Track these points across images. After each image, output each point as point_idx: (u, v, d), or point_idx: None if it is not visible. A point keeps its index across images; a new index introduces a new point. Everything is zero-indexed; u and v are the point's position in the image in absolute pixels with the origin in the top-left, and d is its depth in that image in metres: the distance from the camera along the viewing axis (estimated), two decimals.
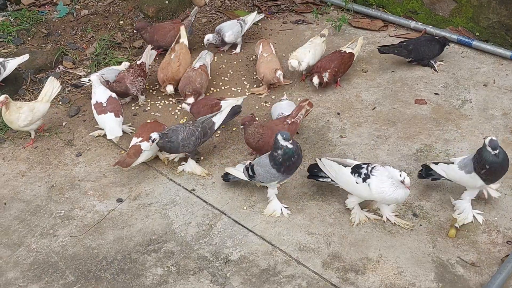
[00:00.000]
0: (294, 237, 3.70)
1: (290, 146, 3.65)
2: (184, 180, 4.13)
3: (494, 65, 5.16)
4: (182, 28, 5.05)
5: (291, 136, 3.74)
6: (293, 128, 4.14)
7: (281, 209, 3.85)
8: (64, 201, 4.02)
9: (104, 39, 5.47)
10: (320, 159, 3.88)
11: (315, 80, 4.82)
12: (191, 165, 4.17)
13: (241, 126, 4.08)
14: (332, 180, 3.80)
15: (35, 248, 3.69)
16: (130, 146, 4.15)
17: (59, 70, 5.20)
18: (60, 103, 4.89)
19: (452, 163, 3.73)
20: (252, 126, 4.04)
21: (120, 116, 4.36)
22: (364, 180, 3.58)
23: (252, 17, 5.49)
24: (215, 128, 4.20)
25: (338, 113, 4.71)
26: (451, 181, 3.79)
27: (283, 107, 4.49)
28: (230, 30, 5.34)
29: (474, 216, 3.73)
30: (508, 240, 3.62)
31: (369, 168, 3.59)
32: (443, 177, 3.78)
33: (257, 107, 4.80)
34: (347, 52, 4.99)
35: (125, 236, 3.75)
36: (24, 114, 4.32)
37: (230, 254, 3.61)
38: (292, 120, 4.15)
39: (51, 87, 4.52)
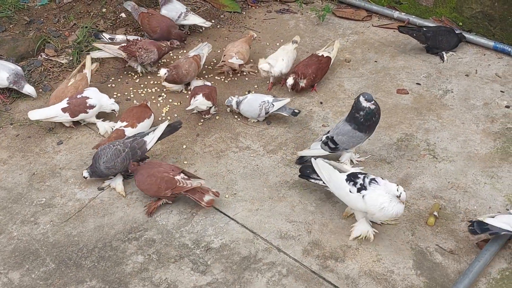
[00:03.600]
0: (275, 225, 3.72)
1: (372, 107, 3.79)
2: None
3: (477, 55, 5.19)
4: (88, 58, 4.79)
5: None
6: (171, 184, 3.71)
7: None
8: (45, 189, 4.01)
9: (86, 27, 5.42)
10: (315, 159, 3.75)
11: (290, 80, 4.66)
12: (116, 181, 3.98)
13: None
14: (324, 183, 3.68)
15: (16, 236, 3.68)
16: (113, 129, 4.18)
17: (41, 58, 5.16)
18: (41, 90, 4.86)
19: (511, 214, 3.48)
20: (140, 170, 3.75)
21: (67, 113, 4.30)
22: (358, 190, 3.44)
23: (195, 19, 5.44)
24: (147, 147, 3.96)
25: (321, 103, 4.72)
26: None
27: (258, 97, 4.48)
28: (166, 10, 5.40)
29: None
30: None
31: (366, 180, 3.44)
32: (507, 230, 3.40)
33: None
34: (325, 56, 4.86)
35: (106, 224, 3.75)
36: None
37: (211, 242, 3.62)
38: (176, 181, 3.73)
39: None
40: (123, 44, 4.93)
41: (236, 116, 4.59)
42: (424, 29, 5.17)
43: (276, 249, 3.57)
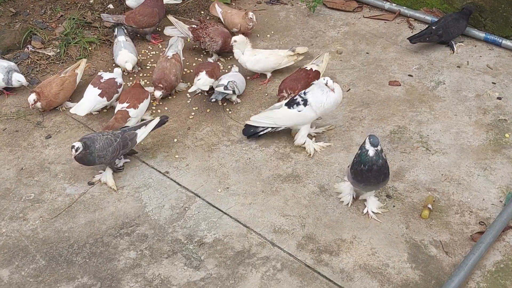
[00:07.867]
0: (269, 219, 3.68)
1: (370, 153, 3.38)
2: (157, 162, 4.08)
3: (468, 47, 5.18)
4: (84, 60, 4.69)
5: None
6: None
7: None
8: (34, 184, 3.94)
9: (73, 18, 5.33)
10: (250, 120, 4.17)
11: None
12: (106, 175, 3.93)
13: None
14: (272, 127, 4.11)
15: (5, 232, 3.62)
16: (115, 111, 4.19)
17: (28, 50, 5.07)
18: (29, 83, 4.77)
19: None
20: None
21: (104, 98, 4.32)
22: (304, 105, 3.98)
23: None
24: (137, 140, 3.96)
25: None
26: None
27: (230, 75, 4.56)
28: (134, 1, 5.35)
29: None
30: (481, 220, 3.66)
31: (302, 96, 4.02)
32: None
33: None
34: (313, 70, 4.53)
35: (97, 220, 3.69)
36: None
37: (205, 237, 3.58)
38: None
39: None
40: (193, 26, 5.01)
41: (227, 109, 4.54)
42: (434, 28, 5.08)
43: (270, 243, 3.54)
